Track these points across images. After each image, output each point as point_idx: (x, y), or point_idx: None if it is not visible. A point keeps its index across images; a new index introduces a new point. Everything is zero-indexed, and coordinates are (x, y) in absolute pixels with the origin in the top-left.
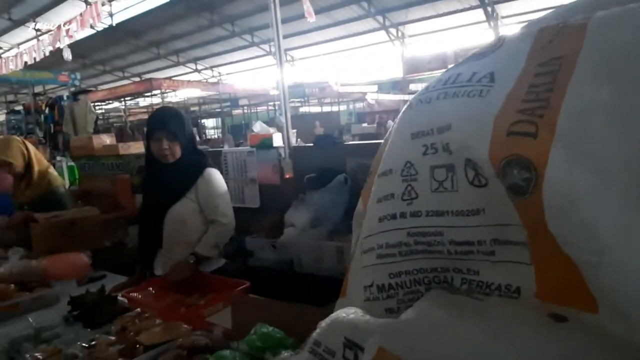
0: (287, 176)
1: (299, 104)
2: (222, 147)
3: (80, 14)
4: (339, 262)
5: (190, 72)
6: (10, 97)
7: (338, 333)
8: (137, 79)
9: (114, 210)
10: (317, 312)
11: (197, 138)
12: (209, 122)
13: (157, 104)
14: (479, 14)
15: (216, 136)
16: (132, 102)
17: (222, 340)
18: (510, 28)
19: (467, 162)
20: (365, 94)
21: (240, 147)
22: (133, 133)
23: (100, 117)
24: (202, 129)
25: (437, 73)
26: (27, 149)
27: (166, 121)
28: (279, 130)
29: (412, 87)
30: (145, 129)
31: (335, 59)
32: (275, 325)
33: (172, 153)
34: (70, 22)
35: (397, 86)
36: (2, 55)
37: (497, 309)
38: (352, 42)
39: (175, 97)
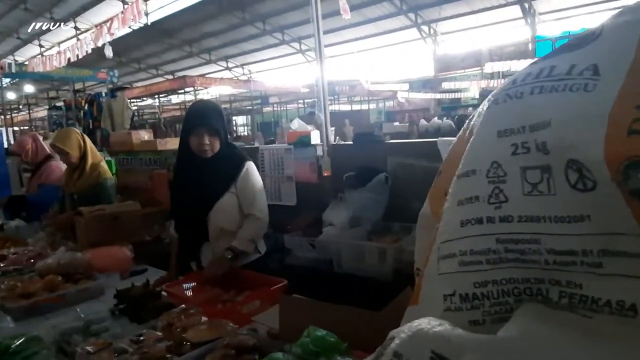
0: (325, 174)
1: (328, 102)
2: (253, 144)
3: (122, 12)
4: (381, 264)
5: (221, 70)
6: (52, 94)
7: (424, 346)
8: (170, 77)
9: (151, 204)
10: (369, 317)
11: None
12: (239, 120)
13: (189, 101)
14: (516, 10)
15: (246, 133)
16: (165, 99)
17: (268, 341)
18: (548, 25)
19: (570, 163)
20: (395, 92)
21: (277, 144)
22: (166, 129)
23: (135, 114)
24: (233, 126)
25: (471, 71)
26: (84, 141)
27: (207, 116)
28: (316, 127)
29: (445, 85)
30: (180, 124)
31: (366, 57)
32: (323, 328)
33: (212, 148)
34: (112, 19)
35: (427, 85)
36: (45, 54)
37: (613, 328)
38: (383, 40)
39: (207, 94)
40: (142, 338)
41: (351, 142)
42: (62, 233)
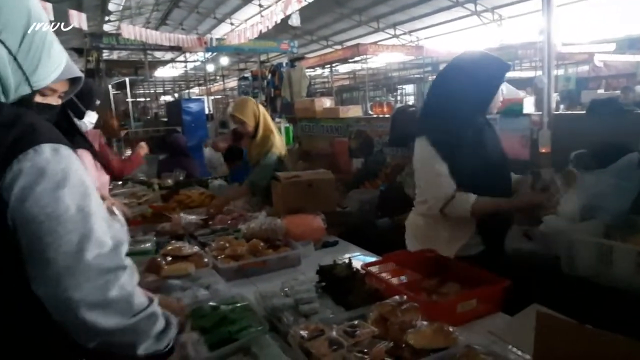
0: (543, 150)
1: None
2: None
3: None
4: (639, 274)
5: (389, 38)
6: (241, 66)
7: None
8: (339, 47)
9: (331, 172)
10: None
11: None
12: (407, 89)
13: (358, 70)
14: None
15: (411, 103)
16: (335, 68)
17: None
18: None
19: None
20: (592, 55)
21: None
22: (337, 98)
23: (310, 83)
24: (402, 95)
25: None
26: (258, 110)
27: None
28: (532, 93)
29: None
30: (348, 93)
31: (556, 14)
32: None
33: None
34: None
35: (635, 45)
36: (235, 30)
37: None
38: None
39: (376, 63)
40: (356, 331)
41: (583, 112)
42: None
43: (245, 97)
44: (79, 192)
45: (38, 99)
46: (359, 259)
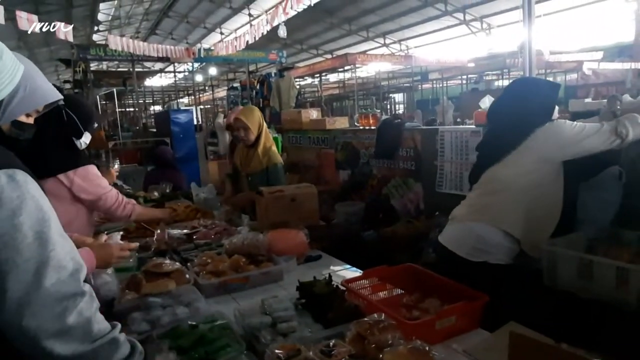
0: None
1: (495, 77)
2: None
3: None
4: (618, 288)
5: (378, 47)
6: (230, 76)
7: None
8: (329, 56)
9: (317, 183)
10: None
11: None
12: (396, 97)
13: (348, 79)
14: None
15: (401, 111)
16: (324, 77)
17: None
18: None
19: None
20: (580, 63)
21: (462, 126)
22: (326, 107)
23: (299, 93)
24: (392, 104)
25: None
26: (262, 121)
27: None
28: None
29: None
30: (338, 102)
31: (543, 23)
32: None
33: None
34: (286, 0)
35: (625, 52)
36: (224, 40)
37: None
38: (565, 1)
39: (365, 72)
40: (333, 351)
41: None
42: (238, 211)
43: (252, 105)
44: (36, 218)
45: (22, 118)
46: (343, 273)
